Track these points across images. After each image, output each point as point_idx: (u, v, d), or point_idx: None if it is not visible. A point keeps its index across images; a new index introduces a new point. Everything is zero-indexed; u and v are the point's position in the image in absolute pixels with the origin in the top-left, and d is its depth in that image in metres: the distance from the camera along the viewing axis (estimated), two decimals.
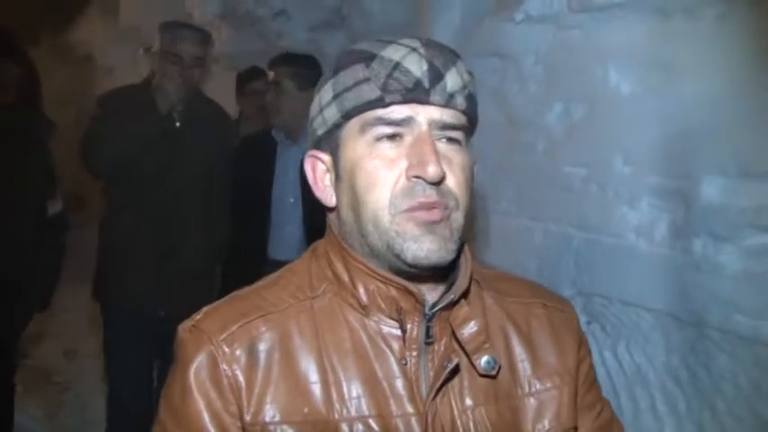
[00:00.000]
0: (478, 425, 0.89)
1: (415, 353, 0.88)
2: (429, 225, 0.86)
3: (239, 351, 0.87)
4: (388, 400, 0.87)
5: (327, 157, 0.94)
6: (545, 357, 0.96)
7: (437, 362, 0.88)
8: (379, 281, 0.89)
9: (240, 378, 0.86)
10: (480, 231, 2.32)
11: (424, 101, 0.87)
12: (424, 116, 0.87)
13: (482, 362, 0.89)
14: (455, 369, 0.88)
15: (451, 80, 0.88)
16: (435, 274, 0.91)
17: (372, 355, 0.88)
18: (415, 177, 0.86)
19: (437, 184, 0.86)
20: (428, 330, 0.89)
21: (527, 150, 2.13)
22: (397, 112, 0.87)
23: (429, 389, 0.87)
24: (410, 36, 0.91)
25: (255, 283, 0.97)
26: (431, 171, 0.84)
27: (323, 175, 0.95)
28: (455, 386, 0.89)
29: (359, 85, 0.88)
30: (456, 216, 0.88)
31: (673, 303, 1.70)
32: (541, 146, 2.09)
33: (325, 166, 0.95)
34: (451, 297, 0.89)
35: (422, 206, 0.86)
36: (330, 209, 0.96)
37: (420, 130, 0.87)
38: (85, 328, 4.07)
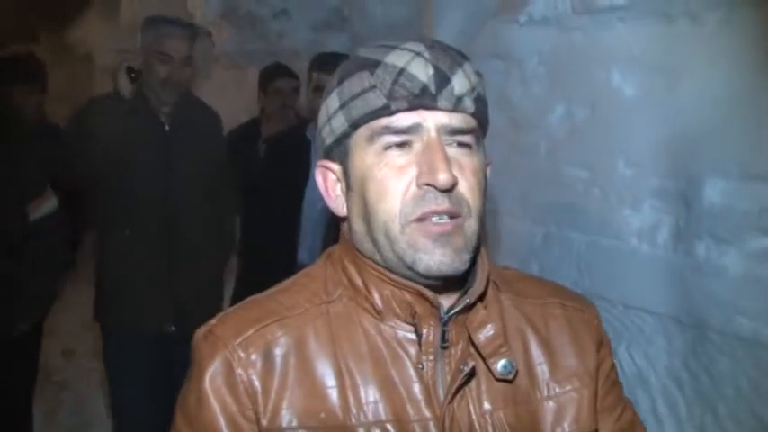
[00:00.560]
0: (497, 429, 0.88)
1: (431, 357, 0.88)
2: (441, 237, 0.84)
3: (255, 356, 0.87)
4: (405, 405, 0.86)
5: (337, 167, 0.93)
6: (564, 359, 0.95)
7: (454, 366, 0.88)
8: (394, 286, 0.88)
9: (256, 383, 0.86)
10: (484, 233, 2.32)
11: (431, 106, 0.85)
12: (432, 122, 0.85)
13: (499, 366, 0.88)
14: (471, 373, 0.87)
15: (459, 83, 0.86)
16: (451, 279, 0.89)
17: (389, 360, 0.88)
18: (426, 185, 0.84)
19: (449, 191, 0.84)
20: (444, 334, 0.88)
21: (530, 152, 2.13)
22: (403, 119, 0.85)
23: (445, 393, 0.87)
24: (414, 39, 0.89)
25: (271, 288, 0.96)
26: (441, 178, 0.83)
27: (334, 185, 0.94)
28: (473, 390, 0.89)
29: (364, 93, 0.86)
30: (469, 223, 0.87)
31: (674, 306, 1.70)
32: (544, 148, 2.09)
33: (335, 176, 0.94)
34: (467, 301, 0.88)
35: (434, 214, 0.84)
36: (342, 218, 0.95)
37: (429, 137, 0.85)
38: (84, 328, 4.06)
